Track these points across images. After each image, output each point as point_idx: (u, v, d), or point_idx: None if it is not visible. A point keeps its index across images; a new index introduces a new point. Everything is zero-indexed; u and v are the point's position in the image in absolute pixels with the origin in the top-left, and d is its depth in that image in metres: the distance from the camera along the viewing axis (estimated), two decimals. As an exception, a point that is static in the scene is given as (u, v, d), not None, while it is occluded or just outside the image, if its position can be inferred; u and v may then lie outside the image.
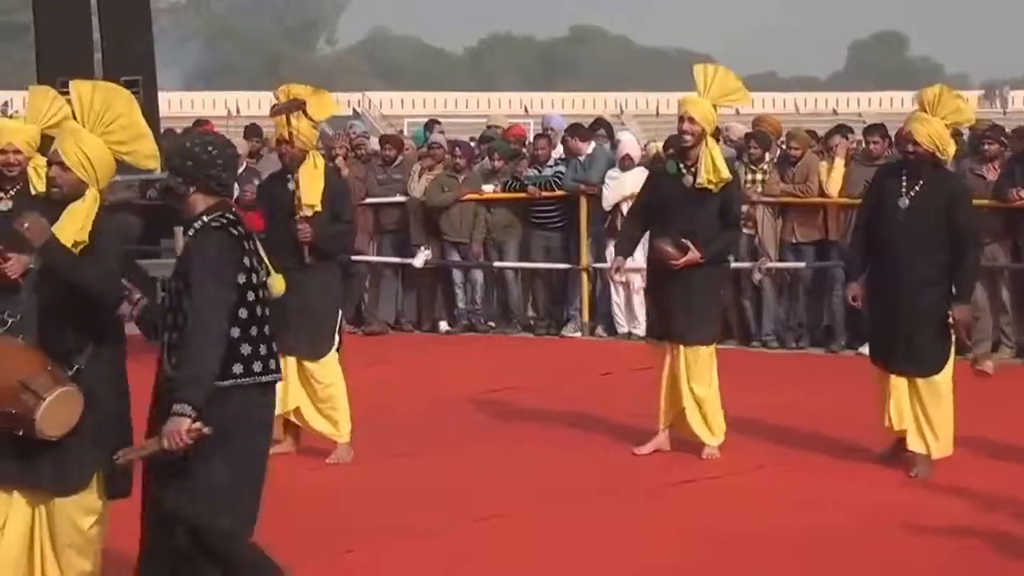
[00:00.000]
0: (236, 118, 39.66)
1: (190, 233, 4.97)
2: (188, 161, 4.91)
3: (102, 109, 5.13)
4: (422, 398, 10.36)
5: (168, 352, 4.90)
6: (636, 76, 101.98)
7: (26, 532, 5.18)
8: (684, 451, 8.51)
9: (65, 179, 5.13)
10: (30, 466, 5.07)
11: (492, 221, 13.55)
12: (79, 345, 5.11)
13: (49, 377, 4.98)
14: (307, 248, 8.19)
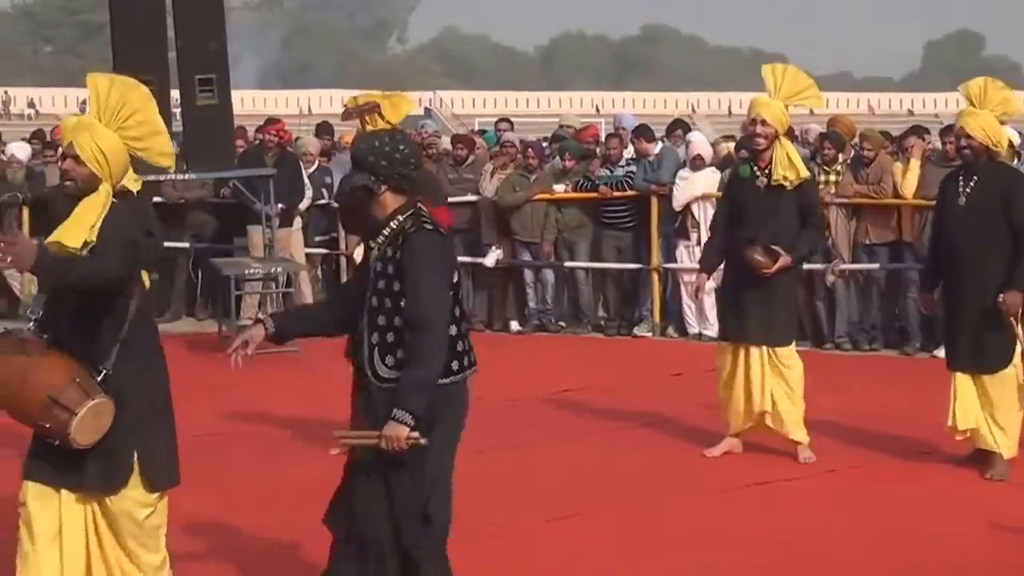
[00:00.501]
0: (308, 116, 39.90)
1: (384, 234, 4.94)
2: (383, 160, 4.92)
3: (118, 104, 5.08)
4: (492, 398, 10.34)
5: (379, 352, 4.90)
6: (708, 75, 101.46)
7: (82, 531, 5.18)
8: (755, 453, 8.48)
9: (79, 173, 5.07)
10: (74, 467, 5.07)
11: (563, 221, 13.56)
12: (105, 348, 5.08)
13: (78, 389, 4.97)
14: None
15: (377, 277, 4.89)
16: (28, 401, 4.94)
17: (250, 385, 11.01)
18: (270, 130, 13.68)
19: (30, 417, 4.98)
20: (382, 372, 4.89)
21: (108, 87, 5.09)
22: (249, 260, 12.93)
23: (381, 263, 4.90)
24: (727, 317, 8.58)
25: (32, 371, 4.96)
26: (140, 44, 11.79)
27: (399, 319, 4.83)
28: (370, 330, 4.90)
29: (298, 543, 6.82)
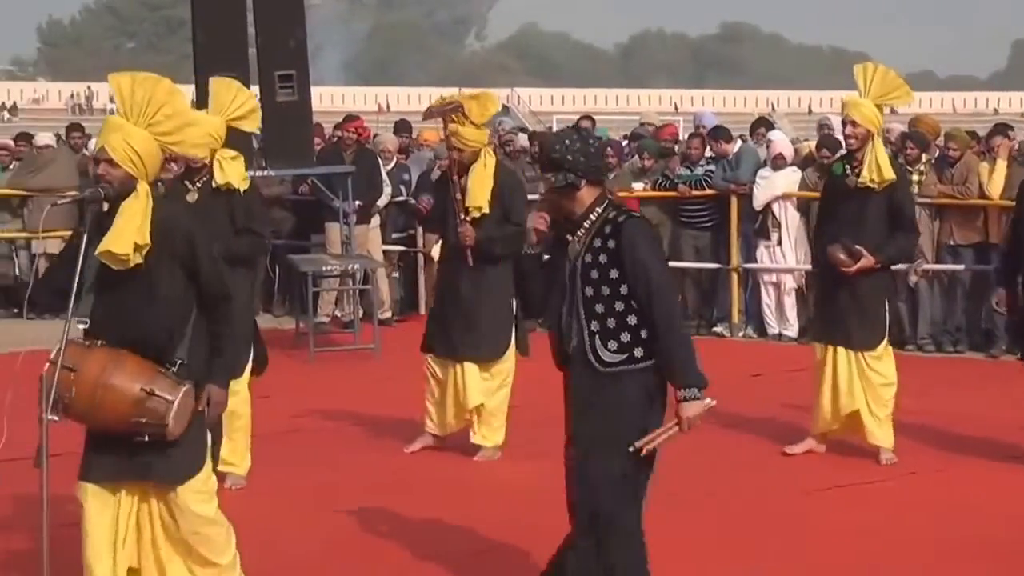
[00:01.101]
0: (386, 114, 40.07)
1: (585, 227, 5.07)
2: (581, 156, 5.05)
3: (144, 101, 5.06)
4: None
5: (601, 339, 5.05)
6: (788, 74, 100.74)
7: (135, 533, 5.17)
8: (837, 454, 8.40)
9: (114, 175, 5.05)
10: (139, 459, 5.08)
11: (642, 219, 13.48)
12: (178, 338, 5.11)
13: (166, 379, 5.01)
14: (470, 252, 8.24)
15: (588, 268, 5.06)
16: (117, 402, 4.95)
17: (326, 382, 11.10)
18: (349, 127, 13.75)
19: (120, 416, 4.97)
20: (606, 357, 5.07)
21: (131, 85, 5.08)
22: (326, 257, 13.00)
23: (590, 254, 5.06)
24: (817, 317, 8.51)
25: (115, 371, 4.97)
26: (221, 40, 11.89)
27: (619, 304, 5.02)
28: (588, 319, 5.07)
29: (366, 541, 6.84)
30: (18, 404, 5.15)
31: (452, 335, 8.35)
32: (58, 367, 4.90)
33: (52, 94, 78.36)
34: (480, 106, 8.31)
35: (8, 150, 15.06)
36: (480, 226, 8.26)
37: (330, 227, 13.58)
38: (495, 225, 8.29)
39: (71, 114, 67.81)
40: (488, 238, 8.25)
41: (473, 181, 8.27)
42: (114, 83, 5.09)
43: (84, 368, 4.94)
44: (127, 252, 4.96)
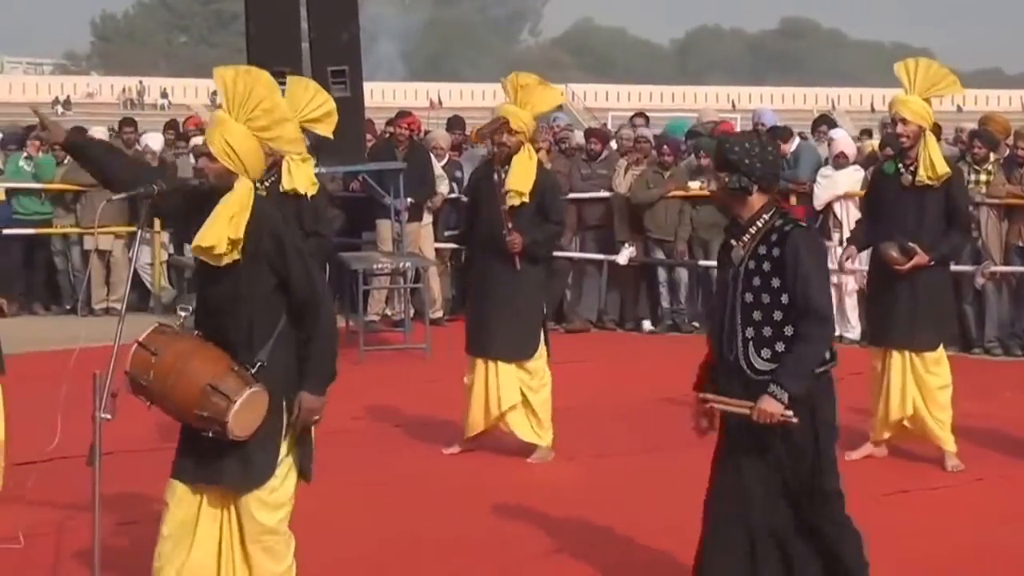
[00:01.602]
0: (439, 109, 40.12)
1: (751, 232, 5.17)
2: (758, 163, 5.15)
3: (244, 95, 5.10)
4: (624, 398, 10.35)
5: (755, 346, 5.16)
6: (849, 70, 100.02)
7: (216, 534, 5.21)
8: (900, 459, 8.33)
9: (212, 169, 5.12)
10: (216, 461, 5.12)
11: (698, 219, 13.45)
12: (261, 340, 5.13)
13: (236, 378, 5.02)
14: (517, 258, 8.26)
15: (750, 275, 5.16)
16: (186, 392, 5.00)
17: (375, 381, 11.11)
18: (401, 123, 13.77)
19: (187, 406, 5.03)
20: (758, 365, 5.16)
21: (234, 78, 5.12)
22: (377, 255, 13.03)
23: (754, 261, 5.16)
24: (871, 319, 8.45)
25: (190, 360, 5.03)
26: (274, 35, 11.93)
27: (778, 313, 5.12)
28: (744, 325, 5.18)
29: (418, 544, 6.84)
30: (71, 402, 5.20)
31: (487, 334, 8.36)
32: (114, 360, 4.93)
33: (105, 88, 79.05)
34: (543, 95, 8.32)
35: (63, 146, 15.20)
36: (522, 217, 8.27)
37: (381, 224, 13.61)
38: (530, 220, 8.31)
39: (122, 109, 68.40)
40: (534, 241, 8.31)
41: (516, 167, 8.30)
42: (218, 77, 5.14)
43: (164, 353, 5.02)
44: (217, 244, 5.01)
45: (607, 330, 13.79)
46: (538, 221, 8.36)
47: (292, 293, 5.12)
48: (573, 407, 8.91)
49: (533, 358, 8.37)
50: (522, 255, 8.28)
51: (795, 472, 5.23)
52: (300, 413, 5.14)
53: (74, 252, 14.70)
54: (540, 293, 8.54)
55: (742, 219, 5.20)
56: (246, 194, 5.08)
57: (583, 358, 11.71)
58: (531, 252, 8.33)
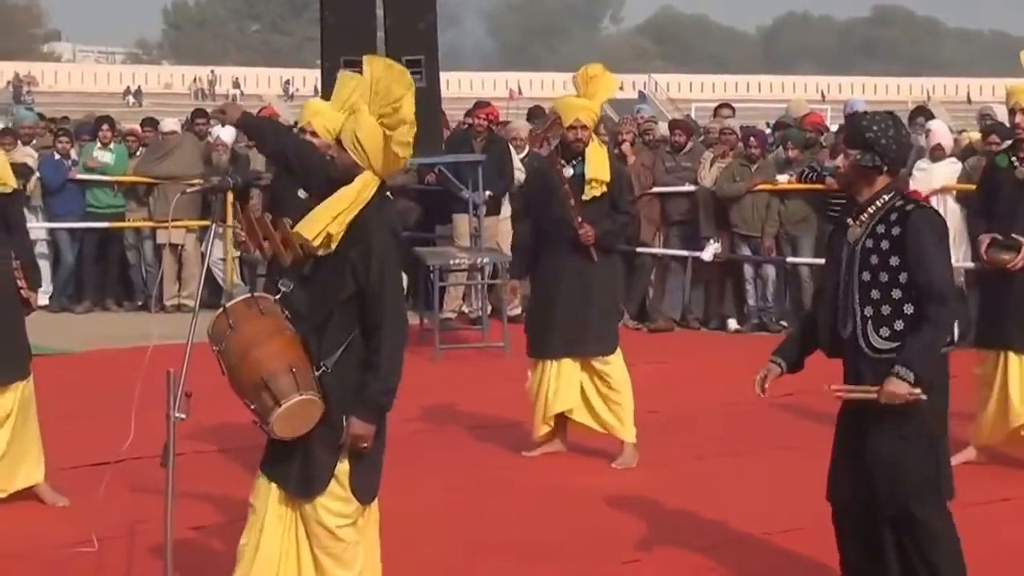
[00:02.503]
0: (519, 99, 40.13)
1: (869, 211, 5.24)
2: (893, 144, 5.24)
3: (386, 89, 5.13)
4: (709, 399, 10.29)
5: (874, 324, 5.24)
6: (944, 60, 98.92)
7: (281, 530, 5.23)
8: (1001, 467, 8.22)
9: (340, 160, 5.17)
10: (284, 464, 5.16)
11: (786, 213, 13.35)
12: (332, 346, 5.12)
13: (291, 379, 5.00)
14: (593, 250, 8.27)
15: (868, 253, 5.24)
16: (244, 378, 5.04)
17: (452, 381, 11.13)
18: (479, 114, 13.77)
19: (243, 393, 5.08)
20: (877, 344, 5.25)
21: (383, 71, 5.13)
22: (454, 250, 13.05)
23: (871, 239, 5.24)
24: (984, 320, 8.33)
25: (258, 347, 5.04)
26: (349, 23, 11.99)
27: (896, 292, 5.20)
28: (862, 304, 5.26)
29: (499, 549, 6.84)
30: (146, 401, 5.24)
31: (562, 333, 8.33)
32: None
33: (176, 78, 79.89)
34: (608, 80, 8.34)
35: (136, 136, 15.32)
36: (592, 210, 8.28)
37: (458, 218, 13.63)
38: (604, 211, 8.35)
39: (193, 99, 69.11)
40: (607, 232, 8.36)
41: (593, 158, 8.36)
42: (368, 66, 5.16)
43: (240, 329, 5.06)
44: (311, 236, 5.03)
45: (691, 329, 13.72)
46: (610, 212, 8.39)
47: (365, 310, 5.09)
48: (657, 410, 8.88)
49: (612, 354, 8.35)
50: (596, 246, 8.29)
51: (906, 459, 5.27)
52: (347, 437, 5.10)
53: (146, 246, 14.83)
54: (614, 284, 8.67)
55: (862, 196, 5.28)
56: (363, 191, 5.09)
57: (666, 358, 11.67)
58: (605, 243, 8.39)
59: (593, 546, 6.87)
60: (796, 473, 8.24)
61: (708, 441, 9.07)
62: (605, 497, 7.70)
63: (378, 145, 5.11)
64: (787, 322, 13.51)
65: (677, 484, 8.02)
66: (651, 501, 7.62)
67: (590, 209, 8.32)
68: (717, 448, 8.86)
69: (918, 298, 5.17)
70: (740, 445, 8.96)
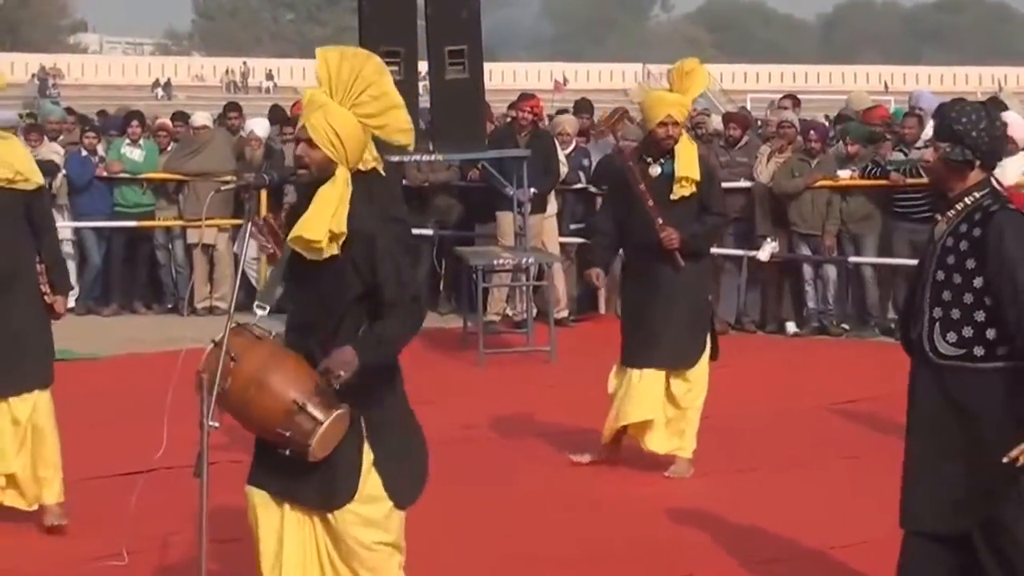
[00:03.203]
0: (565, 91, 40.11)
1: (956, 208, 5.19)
2: (986, 137, 5.18)
3: (350, 78, 5.07)
4: (766, 407, 10.27)
5: (941, 328, 5.17)
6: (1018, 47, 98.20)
7: (304, 547, 5.20)
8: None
9: (313, 158, 5.07)
10: (296, 480, 5.12)
11: (848, 210, 13.30)
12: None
13: (322, 395, 4.99)
14: (677, 255, 8.24)
15: (947, 252, 5.18)
16: (267, 407, 4.98)
17: (495, 387, 11.15)
18: (524, 107, 13.76)
19: (268, 423, 5.02)
20: (942, 349, 5.18)
21: (339, 61, 5.10)
22: (498, 249, 13.07)
23: (952, 238, 5.18)
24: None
25: (273, 372, 5.00)
26: (387, 12, 12.01)
27: (968, 296, 5.11)
28: (932, 305, 5.20)
29: (543, 565, 6.84)
30: (178, 408, 5.27)
31: (653, 342, 8.31)
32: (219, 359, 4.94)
33: (207, 69, 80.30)
34: (689, 79, 8.31)
35: (167, 131, 15.31)
36: (679, 212, 8.24)
37: (502, 217, 13.65)
38: (693, 212, 8.30)
39: (225, 91, 69.42)
40: (693, 235, 8.28)
41: (683, 155, 8.30)
42: (321, 58, 5.11)
43: (245, 359, 4.98)
44: (320, 239, 4.99)
45: (747, 332, 13.69)
46: (699, 213, 8.36)
47: (380, 296, 5.04)
48: (711, 417, 8.84)
49: (696, 365, 8.35)
50: (682, 251, 8.25)
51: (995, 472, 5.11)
52: (329, 361, 4.99)
53: (176, 246, 14.88)
54: (705, 292, 8.58)
55: (952, 192, 5.21)
56: (344, 186, 5.07)
57: (720, 363, 11.59)
58: (692, 247, 8.30)
59: (645, 560, 6.86)
60: (859, 484, 8.22)
61: (765, 450, 9.05)
62: (658, 508, 7.70)
63: (357, 138, 5.10)
64: (849, 325, 13.47)
65: (733, 495, 8.01)
66: (706, 513, 7.61)
67: (677, 210, 8.26)
68: (775, 458, 8.84)
69: (997, 305, 5.06)
70: (799, 455, 8.93)
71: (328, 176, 5.08)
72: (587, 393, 9.11)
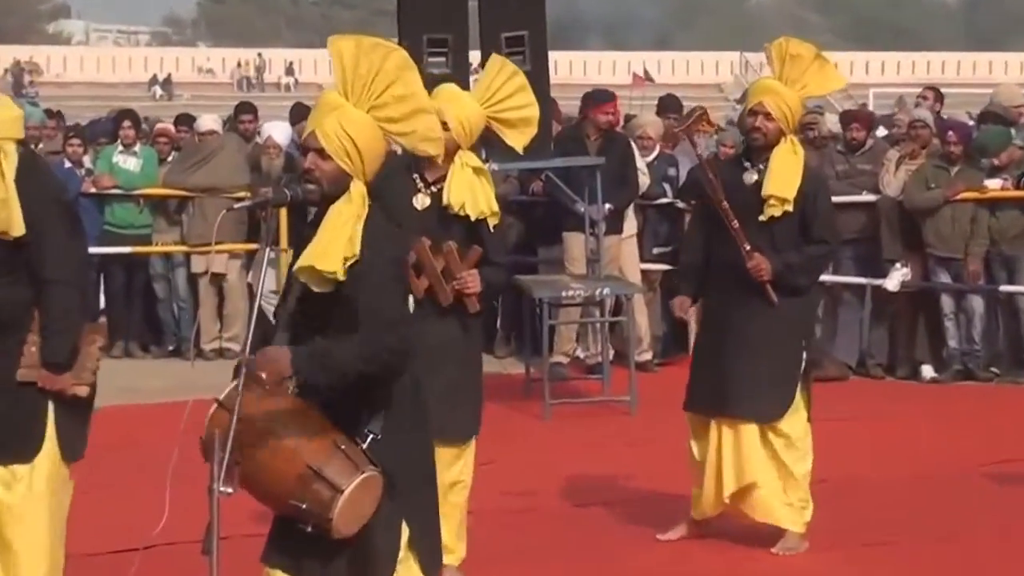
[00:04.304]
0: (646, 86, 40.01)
1: None
2: None
3: (369, 74, 5.12)
4: (899, 468, 10.22)
5: None
6: None
7: None
8: None
9: (324, 170, 5.14)
10: (320, 562, 5.15)
11: (998, 228, 13.24)
12: (372, 405, 5.15)
13: (344, 459, 5.01)
14: (769, 288, 8.17)
15: None
16: (278, 473, 5.01)
17: (565, 445, 11.14)
18: (600, 112, 13.74)
19: (280, 494, 5.06)
20: None
21: (355, 54, 5.14)
22: (566, 278, 13.06)
23: None
24: None
25: (285, 431, 5.03)
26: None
27: None
28: None
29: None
30: (184, 470, 5.29)
31: (724, 385, 8.28)
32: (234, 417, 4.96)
33: (215, 62, 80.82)
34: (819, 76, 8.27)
35: (167, 136, 15.31)
36: (774, 233, 8.18)
37: (570, 238, 13.65)
38: (791, 236, 8.22)
39: (236, 89, 69.88)
40: (789, 266, 8.18)
41: (777, 164, 8.20)
42: (334, 49, 5.16)
43: (253, 418, 5.01)
44: (335, 269, 5.04)
45: (872, 378, 13.63)
46: (799, 237, 8.27)
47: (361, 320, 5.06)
48: (830, 479, 8.83)
49: (788, 417, 8.29)
50: (774, 284, 8.18)
51: None
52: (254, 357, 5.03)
53: (178, 276, 14.89)
54: (800, 333, 8.40)
55: None
56: (361, 204, 5.11)
57: (840, 415, 11.57)
58: (788, 281, 8.22)
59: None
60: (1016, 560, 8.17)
61: (899, 521, 9.00)
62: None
63: (375, 148, 5.16)
64: (999, 368, 13.36)
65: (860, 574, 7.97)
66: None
67: (772, 232, 8.21)
68: (911, 529, 8.79)
69: None
70: (941, 526, 8.88)
71: (341, 192, 5.13)
72: (674, 452, 9.07)
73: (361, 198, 5.12)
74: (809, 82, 8.27)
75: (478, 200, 7.44)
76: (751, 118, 8.27)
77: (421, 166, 7.45)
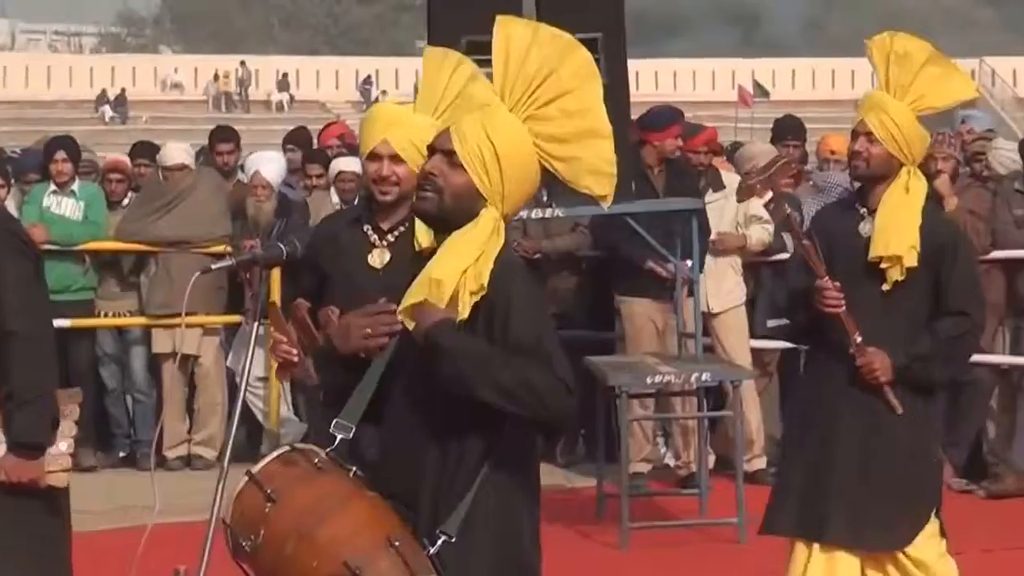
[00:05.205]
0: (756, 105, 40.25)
1: None
2: None
3: (539, 75, 5.20)
4: None
5: None
6: None
7: None
8: None
9: (450, 181, 5.22)
10: None
11: None
12: (453, 489, 5.22)
13: (396, 559, 5.07)
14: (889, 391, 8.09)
15: None
16: (308, 568, 5.08)
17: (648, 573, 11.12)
18: (693, 145, 13.76)
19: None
20: None
21: (528, 44, 5.22)
22: (650, 359, 13.03)
23: None
24: None
25: (328, 519, 5.11)
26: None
27: None
28: None
29: None
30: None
31: (822, 503, 8.26)
32: None
33: (185, 74, 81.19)
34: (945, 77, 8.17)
35: (122, 172, 15.21)
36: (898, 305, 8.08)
37: (633, 307, 13.65)
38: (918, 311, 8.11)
39: (212, 109, 70.32)
40: (917, 358, 7.97)
41: (886, 209, 8.01)
42: (502, 31, 5.25)
43: (287, 501, 5.13)
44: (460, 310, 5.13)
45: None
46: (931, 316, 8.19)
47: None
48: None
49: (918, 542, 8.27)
50: (893, 383, 8.09)
51: None
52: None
53: (135, 358, 14.89)
54: (931, 440, 8.36)
55: None
56: (494, 235, 5.18)
57: (1019, 542, 11.55)
58: (916, 379, 8.12)
59: None
60: None
61: None
62: None
63: (526, 172, 5.22)
64: None
65: None
66: None
67: (895, 304, 8.14)
68: None
69: None
70: None
71: (463, 216, 5.20)
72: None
73: (494, 227, 5.18)
74: (925, 91, 7.99)
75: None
76: (852, 142, 8.08)
77: (373, 215, 7.26)
